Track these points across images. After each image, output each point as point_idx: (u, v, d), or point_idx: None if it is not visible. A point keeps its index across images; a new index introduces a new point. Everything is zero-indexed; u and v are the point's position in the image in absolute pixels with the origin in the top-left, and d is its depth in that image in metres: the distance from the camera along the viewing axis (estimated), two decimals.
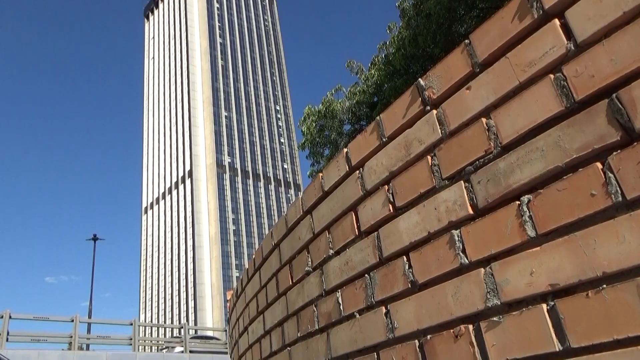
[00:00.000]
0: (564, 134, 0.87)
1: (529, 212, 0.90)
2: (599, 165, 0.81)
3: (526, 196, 0.91)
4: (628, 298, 0.73)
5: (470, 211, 1.02)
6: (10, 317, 15.48)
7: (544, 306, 0.85)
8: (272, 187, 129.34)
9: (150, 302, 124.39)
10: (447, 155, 1.11)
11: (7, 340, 15.18)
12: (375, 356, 1.23)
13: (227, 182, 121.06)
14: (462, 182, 1.05)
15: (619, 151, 0.79)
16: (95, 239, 30.90)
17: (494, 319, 0.93)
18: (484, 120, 1.03)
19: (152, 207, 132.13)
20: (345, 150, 1.49)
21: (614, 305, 0.75)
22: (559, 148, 0.87)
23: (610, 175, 0.79)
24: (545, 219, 0.87)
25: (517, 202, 0.93)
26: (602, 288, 0.77)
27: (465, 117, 1.08)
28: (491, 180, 0.98)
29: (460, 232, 1.04)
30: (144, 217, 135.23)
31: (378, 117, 1.37)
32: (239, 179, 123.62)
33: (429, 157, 1.16)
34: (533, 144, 0.92)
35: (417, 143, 1.20)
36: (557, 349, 0.81)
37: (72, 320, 18.13)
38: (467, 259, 1.01)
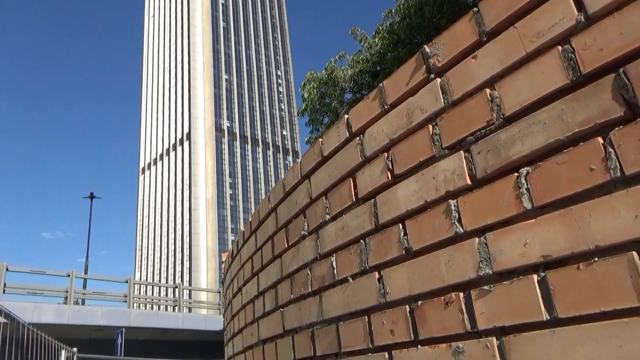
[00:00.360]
0: (568, 107, 0.86)
1: (527, 185, 0.91)
2: (600, 140, 0.81)
3: (525, 168, 0.92)
4: (619, 271, 0.74)
5: (469, 181, 1.02)
6: (7, 269, 15.66)
7: (535, 277, 0.86)
8: (270, 153, 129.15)
9: (145, 261, 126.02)
10: (448, 125, 1.10)
11: (3, 291, 15.41)
12: (366, 319, 1.25)
13: (225, 146, 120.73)
14: (462, 152, 1.05)
15: (621, 127, 0.78)
16: (92, 197, 31.00)
17: (485, 287, 0.94)
18: (487, 90, 1.02)
19: (149, 168, 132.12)
20: (346, 116, 1.48)
21: (604, 278, 0.76)
22: (561, 121, 0.87)
23: (611, 150, 0.79)
24: (542, 192, 0.88)
25: (516, 174, 0.93)
26: (593, 261, 0.78)
27: (469, 87, 1.07)
28: (491, 151, 0.98)
29: (457, 201, 1.04)
30: (141, 177, 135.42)
31: (381, 84, 1.35)
32: (238, 143, 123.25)
33: (430, 126, 1.15)
34: (536, 117, 0.91)
35: (419, 111, 1.19)
36: (545, 319, 0.83)
37: (69, 275, 18.39)
38: (462, 228, 1.02)
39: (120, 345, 12.77)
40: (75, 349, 4.81)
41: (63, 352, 4.51)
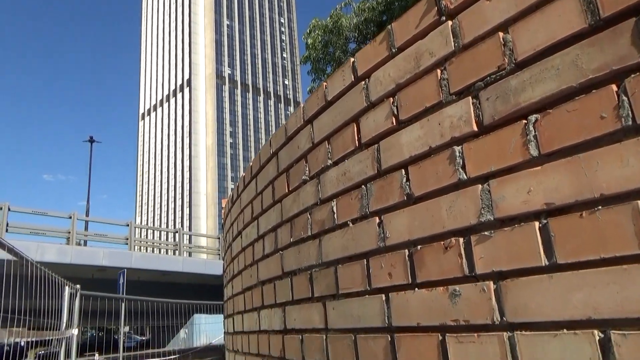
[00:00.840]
0: (583, 53, 0.83)
1: (535, 132, 0.89)
2: (614, 87, 0.79)
3: (534, 115, 0.90)
4: (622, 219, 0.74)
5: (475, 128, 1.01)
6: (9, 209, 15.85)
7: (537, 224, 0.86)
8: (271, 102, 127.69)
9: (146, 206, 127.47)
10: (457, 70, 1.07)
11: (6, 230, 15.66)
12: (365, 263, 1.27)
13: (226, 94, 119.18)
14: (469, 98, 1.03)
15: (637, 74, 0.76)
16: (91, 141, 30.95)
17: (485, 233, 0.95)
18: (500, 34, 0.99)
19: (149, 114, 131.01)
20: (352, 59, 1.44)
21: (606, 226, 0.76)
22: (575, 67, 0.84)
23: (624, 98, 0.77)
24: (550, 139, 0.86)
25: (524, 121, 0.91)
26: (597, 209, 0.78)
27: (481, 30, 1.03)
28: (500, 98, 0.96)
29: (462, 148, 1.03)
30: (141, 123, 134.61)
31: (389, 26, 1.30)
32: (239, 91, 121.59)
33: (438, 71, 1.12)
34: (549, 62, 0.88)
35: (428, 55, 1.15)
36: (544, 264, 0.84)
37: (70, 217, 18.65)
38: (466, 175, 1.01)
39: (122, 285, 13.14)
40: (78, 286, 4.94)
41: (67, 288, 4.63)
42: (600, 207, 0.77)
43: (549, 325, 0.82)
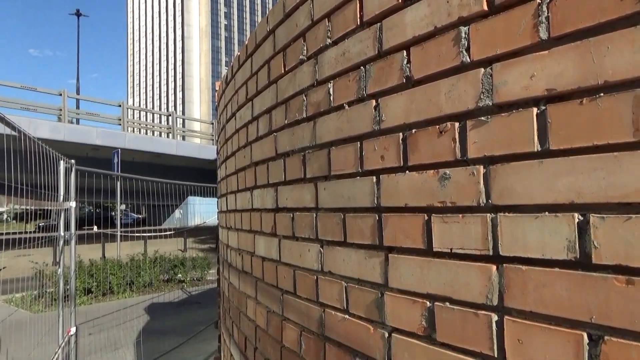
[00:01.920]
0: None
1: (548, 13, 0.84)
2: None
3: None
4: (621, 107, 0.73)
5: (485, 7, 0.95)
6: None
7: (535, 110, 0.85)
8: None
9: (138, 88, 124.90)
10: None
11: None
12: (359, 145, 1.28)
13: None
14: None
15: None
16: (78, 14, 29.33)
17: (482, 118, 0.94)
18: None
19: None
20: None
21: (604, 113, 0.75)
22: None
23: None
24: (562, 22, 0.82)
25: (538, 1, 0.86)
26: (598, 96, 0.76)
27: None
28: None
29: (468, 29, 0.98)
30: None
31: None
32: None
33: None
34: None
35: None
36: (536, 150, 0.84)
37: (60, 94, 18.31)
38: (469, 57, 0.97)
39: (117, 164, 13.36)
40: (73, 161, 5.01)
41: (62, 162, 4.70)
42: (602, 94, 0.76)
43: (532, 208, 0.85)
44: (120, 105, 21.16)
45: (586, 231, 0.77)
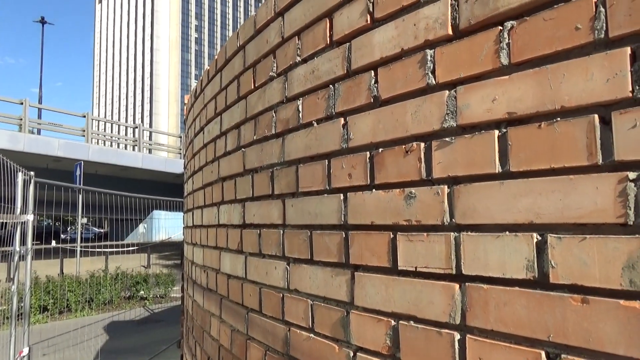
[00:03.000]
0: None
1: (508, 39, 0.88)
2: None
3: (510, 22, 0.88)
4: (576, 132, 0.77)
5: (450, 32, 0.98)
6: None
7: (496, 132, 0.88)
8: None
9: (104, 98, 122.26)
10: None
11: None
12: (326, 163, 1.29)
13: None
14: None
15: None
16: (43, 22, 28.65)
17: (447, 139, 0.96)
18: None
19: None
20: None
21: (561, 137, 0.79)
22: None
23: (602, 9, 0.75)
24: (522, 48, 0.86)
25: (499, 28, 0.90)
26: (555, 121, 0.80)
27: None
28: (479, 1, 0.93)
29: (434, 52, 1.01)
30: (97, 7, 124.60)
31: None
32: None
33: None
34: None
35: None
36: (497, 171, 0.87)
37: (22, 103, 17.73)
38: (434, 80, 1.00)
39: (79, 177, 12.96)
40: (32, 173, 4.83)
41: (20, 174, 4.52)
42: (559, 119, 0.79)
43: (494, 227, 0.87)
44: (84, 116, 20.64)
45: (544, 251, 0.79)
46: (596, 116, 0.75)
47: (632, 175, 0.70)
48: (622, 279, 0.70)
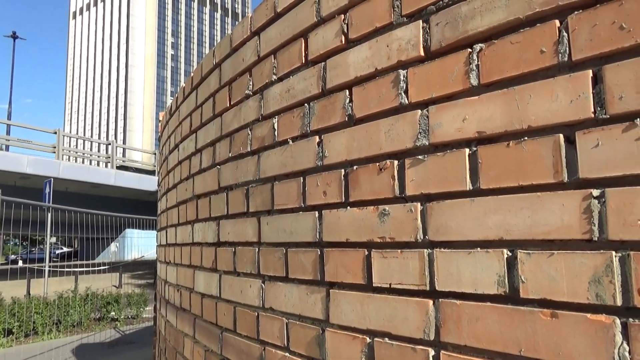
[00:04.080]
0: None
1: (477, 61, 0.91)
2: (557, 23, 0.81)
3: (479, 45, 0.91)
4: (542, 151, 0.79)
5: (422, 53, 1.01)
6: None
7: (467, 151, 0.90)
8: (218, 15, 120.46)
9: (76, 115, 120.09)
10: None
11: None
12: (302, 180, 1.29)
13: (169, 1, 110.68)
14: (420, 21, 1.02)
15: (580, 11, 0.78)
16: (14, 37, 28.14)
17: (419, 157, 0.98)
18: None
19: (81, 13, 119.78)
20: None
21: (528, 156, 0.81)
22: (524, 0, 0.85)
23: (565, 34, 0.79)
24: (490, 70, 0.89)
25: (469, 50, 0.93)
26: (522, 140, 0.82)
27: None
28: (450, 24, 0.96)
29: (407, 72, 1.03)
30: (72, 23, 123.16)
31: None
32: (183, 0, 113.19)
33: None
34: None
35: None
36: (468, 189, 0.89)
37: None
38: (407, 99, 1.02)
39: (49, 195, 12.61)
40: None
41: None
42: (526, 138, 0.82)
43: (465, 244, 0.88)
44: (55, 133, 20.20)
45: (514, 266, 0.81)
46: (561, 136, 0.78)
47: (595, 192, 0.73)
48: (588, 293, 0.72)
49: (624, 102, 0.72)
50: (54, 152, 19.84)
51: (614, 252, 0.70)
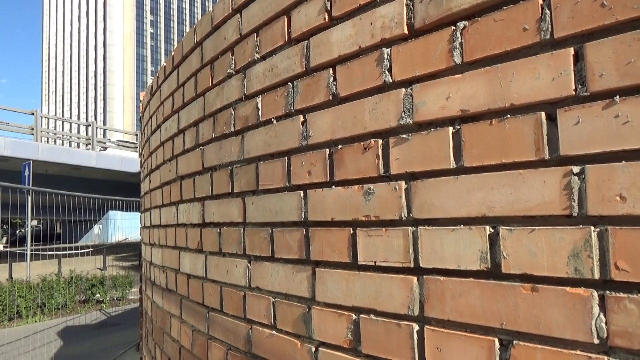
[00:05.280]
0: None
1: (461, 39, 0.91)
2: (540, 0, 0.81)
3: (463, 22, 0.91)
4: (525, 129, 0.80)
5: (406, 31, 1.00)
6: None
7: (450, 129, 0.91)
8: None
9: (54, 95, 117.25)
10: None
11: None
12: (286, 160, 1.29)
13: None
14: None
15: None
16: None
17: (403, 136, 0.99)
18: None
19: None
20: None
21: (510, 134, 0.82)
22: None
23: (547, 12, 0.79)
24: (474, 48, 0.89)
25: (453, 28, 0.92)
26: (505, 118, 0.83)
27: None
28: (433, 1, 0.95)
29: (390, 50, 1.03)
30: (45, 0, 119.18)
31: None
32: None
33: None
34: None
35: None
36: (452, 167, 0.90)
37: None
38: (391, 78, 1.02)
39: (28, 177, 12.38)
40: None
41: None
42: (508, 116, 0.83)
43: (449, 221, 0.90)
44: (33, 114, 19.72)
45: (496, 242, 0.83)
46: (543, 113, 0.79)
47: (575, 169, 0.74)
48: (567, 267, 0.74)
49: (605, 80, 0.73)
50: (32, 134, 19.41)
51: (592, 227, 0.72)
